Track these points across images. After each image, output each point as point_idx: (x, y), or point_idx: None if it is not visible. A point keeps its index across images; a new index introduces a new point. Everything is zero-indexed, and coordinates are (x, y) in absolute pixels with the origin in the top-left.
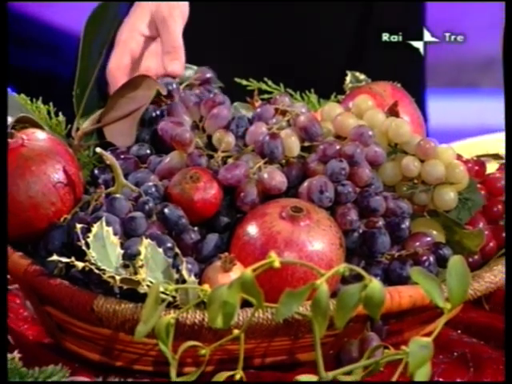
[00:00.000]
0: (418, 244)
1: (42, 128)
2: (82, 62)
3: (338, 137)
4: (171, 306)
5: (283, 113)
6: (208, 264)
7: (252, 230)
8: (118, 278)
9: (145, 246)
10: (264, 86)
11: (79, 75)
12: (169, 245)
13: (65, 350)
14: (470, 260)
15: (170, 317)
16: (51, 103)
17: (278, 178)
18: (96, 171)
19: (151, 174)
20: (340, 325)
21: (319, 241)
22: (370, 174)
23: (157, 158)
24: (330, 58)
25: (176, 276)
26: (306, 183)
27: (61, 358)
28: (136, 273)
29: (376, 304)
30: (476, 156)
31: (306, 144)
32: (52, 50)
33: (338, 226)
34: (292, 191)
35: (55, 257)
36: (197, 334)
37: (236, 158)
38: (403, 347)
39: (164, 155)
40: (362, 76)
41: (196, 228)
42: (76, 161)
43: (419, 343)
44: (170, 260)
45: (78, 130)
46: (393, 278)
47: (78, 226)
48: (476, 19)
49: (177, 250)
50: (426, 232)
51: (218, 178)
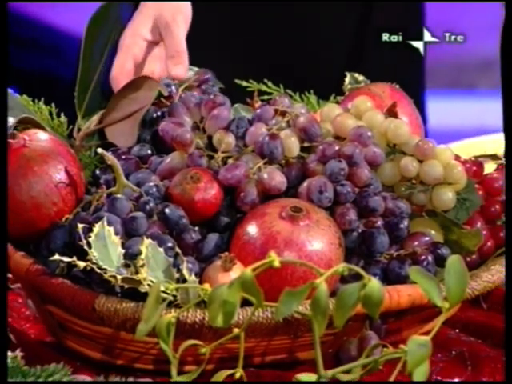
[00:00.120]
0: (416, 244)
1: (43, 129)
2: (83, 64)
3: (337, 137)
4: (172, 305)
5: (283, 114)
6: (208, 263)
7: (252, 229)
8: (119, 277)
9: (146, 246)
10: (264, 88)
11: (81, 77)
12: (169, 244)
13: (66, 348)
14: (468, 259)
15: (171, 316)
16: (53, 104)
17: (278, 179)
18: (97, 171)
19: (152, 175)
20: (339, 324)
21: (318, 240)
22: (368, 175)
23: (158, 158)
24: (330, 59)
25: (177, 275)
26: (305, 183)
27: (62, 357)
28: (137, 272)
29: (375, 303)
30: (474, 156)
31: (306, 144)
32: (54, 51)
33: (337, 225)
34: (291, 191)
35: (57, 256)
36: (197, 332)
37: (236, 159)
38: (402, 346)
39: (165, 156)
40: (360, 77)
41: (196, 228)
42: (78, 161)
43: (418, 342)
44: (171, 259)
45: (79, 130)
46: (391, 278)
47: (80, 226)
48: (474, 20)
49: (177, 250)
50: (425, 232)
51: (219, 179)
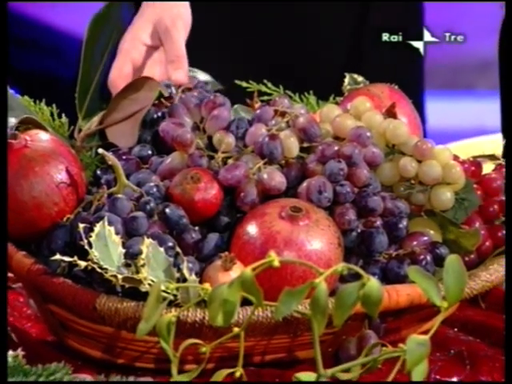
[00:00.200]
0: (415, 243)
1: (45, 129)
2: (84, 65)
3: (336, 138)
4: (172, 304)
5: (282, 114)
6: (208, 263)
7: (252, 229)
8: (119, 276)
9: (146, 246)
10: (264, 88)
11: (81, 78)
12: (170, 244)
13: (67, 347)
14: (467, 259)
15: (171, 315)
16: (54, 105)
17: (278, 179)
18: (98, 172)
19: (153, 175)
20: (338, 323)
21: (318, 240)
22: (367, 175)
23: (158, 158)
24: (330, 59)
25: (177, 275)
26: (305, 183)
27: (64, 356)
28: (138, 272)
29: (374, 302)
30: (472, 157)
31: (305, 145)
32: (54, 52)
33: (336, 225)
34: (291, 191)
35: (58, 256)
36: (197, 331)
37: (236, 159)
38: (401, 345)
39: (165, 156)
40: (360, 78)
41: (197, 228)
42: (79, 161)
43: (416, 341)
44: (171, 259)
45: (80, 131)
46: (390, 277)
47: (81, 226)
48: (472, 22)
49: (178, 250)
50: (423, 231)
51: (219, 179)
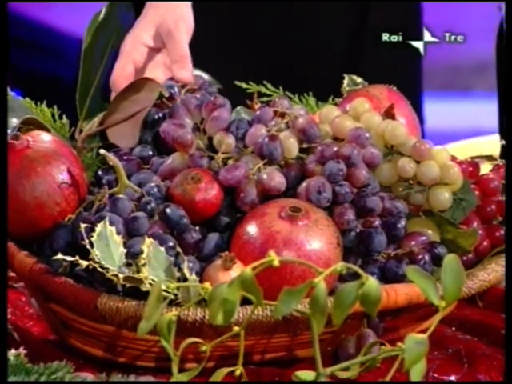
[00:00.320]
0: (413, 243)
1: (46, 130)
2: (84, 66)
3: (335, 139)
4: (173, 303)
5: (282, 115)
6: (209, 263)
7: (252, 229)
8: (121, 276)
9: (147, 245)
10: (263, 89)
11: (81, 79)
12: (170, 244)
13: (69, 346)
14: (465, 259)
15: (172, 314)
16: (55, 106)
17: (277, 179)
18: (100, 172)
19: (153, 175)
20: (337, 322)
21: (317, 240)
22: (366, 175)
23: (159, 159)
24: (329, 59)
25: (178, 274)
26: (304, 184)
27: (65, 355)
28: (139, 271)
29: (373, 301)
30: (470, 157)
31: (305, 146)
32: (55, 53)
33: (335, 225)
34: (291, 192)
35: (60, 255)
36: (198, 330)
37: (236, 160)
38: (399, 344)
39: (166, 156)
40: (358, 79)
41: (197, 227)
42: (80, 162)
43: (415, 340)
44: (172, 259)
45: (81, 132)
46: (389, 276)
47: (82, 226)
48: (470, 23)
49: (178, 249)
50: (422, 231)
51: (219, 179)
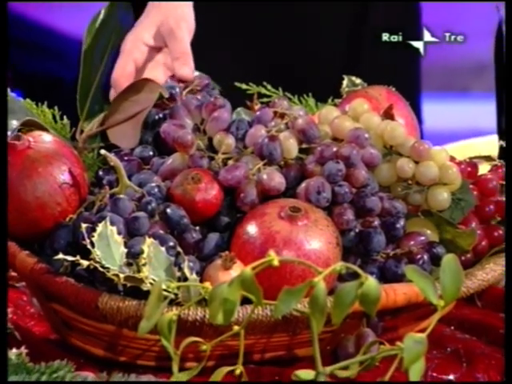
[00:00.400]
0: (412, 243)
1: (47, 131)
2: (84, 67)
3: (334, 139)
4: (173, 303)
5: (282, 116)
6: (209, 262)
7: (252, 229)
8: (121, 275)
9: (148, 245)
10: (263, 90)
11: (82, 80)
12: (171, 244)
13: (70, 345)
14: (463, 258)
15: (172, 313)
16: (56, 107)
17: (277, 179)
18: (100, 172)
19: (154, 175)
20: (337, 321)
21: (317, 240)
22: (365, 175)
23: (159, 159)
24: (329, 59)
25: (178, 274)
26: (303, 184)
27: (66, 354)
28: (139, 271)
29: (372, 301)
30: (468, 158)
31: (304, 146)
32: (56, 54)
33: (334, 225)
34: (290, 192)
35: (61, 255)
36: (198, 330)
37: (236, 160)
38: (398, 343)
39: (166, 157)
40: (358, 80)
41: (197, 227)
42: (81, 162)
43: (414, 339)
44: (172, 258)
45: (82, 132)
46: (388, 276)
47: (83, 226)
48: (468, 24)
49: (179, 249)
50: (420, 231)
51: (219, 179)
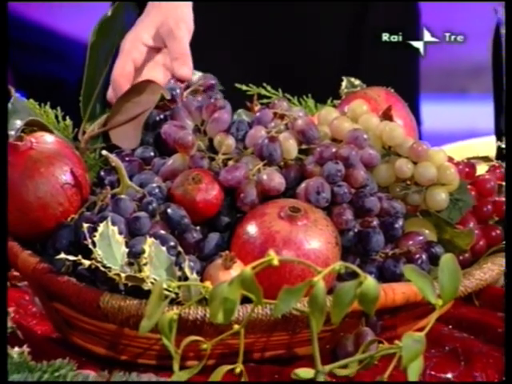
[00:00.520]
0: (411, 243)
1: (50, 131)
2: (88, 69)
3: (334, 140)
4: (174, 302)
5: (281, 117)
6: (209, 262)
7: (252, 229)
8: (123, 275)
9: (149, 245)
10: (263, 91)
11: (86, 81)
12: (172, 243)
13: (72, 344)
14: (461, 258)
15: (173, 313)
16: (58, 108)
17: (277, 180)
18: (102, 173)
19: (155, 176)
20: (336, 320)
21: (316, 240)
22: (364, 176)
23: (160, 160)
24: (329, 59)
25: (179, 273)
26: (303, 184)
27: (68, 352)
28: (140, 270)
29: (371, 300)
30: (466, 158)
31: (304, 147)
32: (58, 55)
33: (334, 225)
34: (290, 192)
35: (63, 255)
36: (199, 329)
37: (236, 160)
38: (397, 342)
39: (167, 157)
40: (357, 81)
41: (198, 227)
42: (83, 163)
43: (412, 338)
44: (173, 258)
45: (84, 133)
46: (387, 276)
47: (85, 226)
48: (466, 25)
49: (179, 249)
50: (419, 231)
51: (219, 180)
